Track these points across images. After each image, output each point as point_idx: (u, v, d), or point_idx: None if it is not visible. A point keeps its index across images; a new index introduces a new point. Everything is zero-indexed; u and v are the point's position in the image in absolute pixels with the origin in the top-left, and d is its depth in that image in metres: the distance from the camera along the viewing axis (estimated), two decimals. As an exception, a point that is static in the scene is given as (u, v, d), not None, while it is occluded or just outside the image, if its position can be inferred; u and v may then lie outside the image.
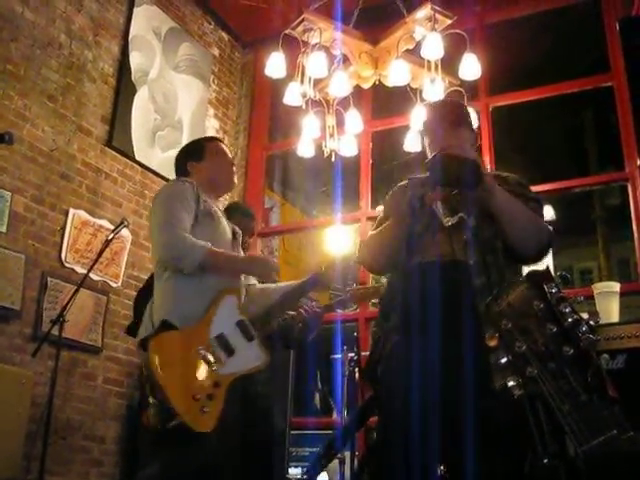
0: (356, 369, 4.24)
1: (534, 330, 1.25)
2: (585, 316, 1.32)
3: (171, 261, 2.81)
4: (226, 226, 3.05)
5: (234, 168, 3.25)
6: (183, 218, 2.84)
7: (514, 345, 1.24)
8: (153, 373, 2.58)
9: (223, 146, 3.27)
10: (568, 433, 1.19)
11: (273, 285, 3.33)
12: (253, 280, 3.27)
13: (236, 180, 3.31)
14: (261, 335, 2.90)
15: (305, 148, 5.14)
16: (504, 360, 1.24)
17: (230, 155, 3.28)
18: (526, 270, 2.33)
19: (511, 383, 1.23)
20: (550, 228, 2.42)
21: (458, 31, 4.56)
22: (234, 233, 3.10)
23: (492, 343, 1.26)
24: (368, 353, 2.51)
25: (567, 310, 1.26)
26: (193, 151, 3.22)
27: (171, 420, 2.52)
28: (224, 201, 4.56)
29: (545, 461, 1.31)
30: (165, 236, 2.81)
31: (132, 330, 3.23)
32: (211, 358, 2.69)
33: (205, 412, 2.57)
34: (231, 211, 3.70)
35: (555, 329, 1.24)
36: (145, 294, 3.12)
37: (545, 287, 1.28)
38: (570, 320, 1.25)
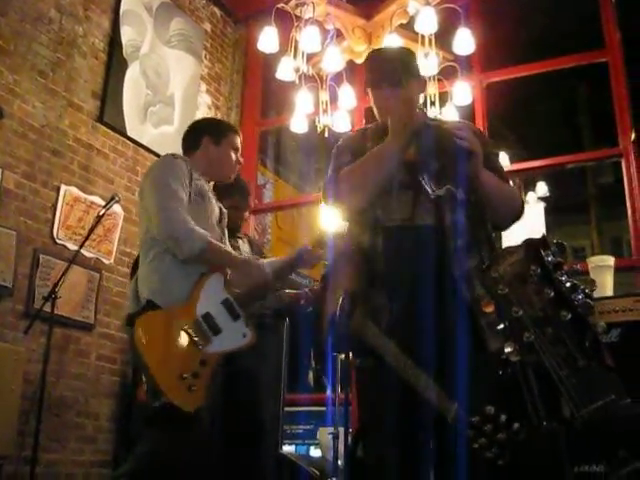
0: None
1: (531, 295, 1.24)
2: (581, 285, 1.31)
3: (169, 243, 2.76)
4: (215, 206, 3.03)
5: (238, 167, 3.23)
6: (182, 197, 2.80)
7: (510, 311, 1.23)
8: (139, 353, 2.59)
9: (240, 144, 3.22)
10: (565, 398, 1.18)
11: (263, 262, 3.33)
12: (243, 257, 3.25)
13: (233, 177, 3.27)
14: (250, 312, 2.91)
15: (298, 124, 5.12)
16: (501, 326, 1.24)
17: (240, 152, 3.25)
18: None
19: (508, 349, 1.22)
20: (519, 195, 2.50)
21: (452, 5, 4.54)
22: (221, 214, 3.08)
23: (488, 309, 1.25)
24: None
25: (564, 276, 1.25)
26: (215, 130, 3.17)
27: (158, 399, 2.53)
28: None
29: (544, 424, 1.31)
30: (166, 216, 2.76)
31: None
32: (197, 337, 2.69)
33: (193, 390, 2.58)
34: (228, 187, 3.65)
35: (552, 294, 1.23)
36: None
37: (542, 253, 1.27)
38: (567, 285, 1.24)
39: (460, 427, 1.83)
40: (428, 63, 4.52)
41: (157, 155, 5.61)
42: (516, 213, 2.47)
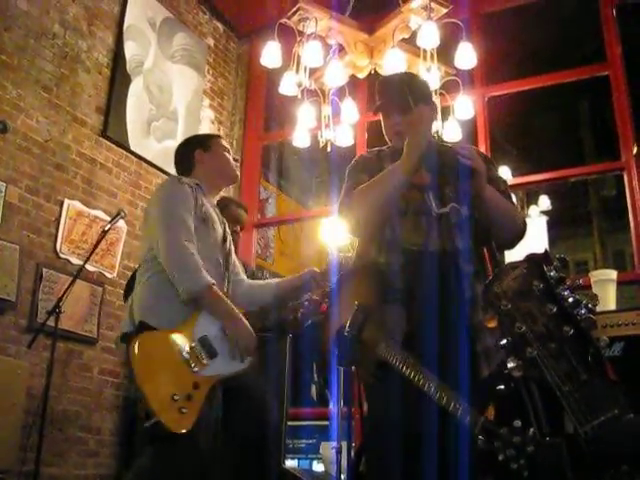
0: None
1: (534, 311, 1.24)
2: (584, 300, 1.31)
3: (170, 275, 2.74)
4: (218, 230, 3.02)
5: (237, 165, 3.24)
6: (190, 225, 2.80)
7: (514, 326, 1.23)
8: (134, 372, 2.58)
9: (226, 144, 3.27)
10: (568, 413, 1.18)
11: (262, 282, 3.32)
12: (242, 275, 3.24)
13: (238, 174, 3.29)
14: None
15: (301, 138, 5.12)
16: (503, 341, 1.24)
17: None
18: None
19: (511, 365, 1.22)
20: (523, 215, 2.56)
21: (454, 20, 4.56)
22: (224, 237, 3.07)
23: (491, 325, 1.25)
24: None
25: (566, 291, 1.25)
26: (201, 141, 3.22)
27: (149, 419, 2.52)
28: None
29: (547, 439, 1.31)
30: (174, 249, 2.74)
31: None
32: (192, 359, 2.67)
33: (183, 412, 2.56)
34: (225, 204, 3.68)
35: (555, 309, 1.23)
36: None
37: (544, 269, 1.27)
38: (570, 300, 1.24)
39: (463, 434, 1.83)
40: (430, 77, 4.53)
41: (160, 169, 5.63)
42: (518, 232, 2.49)
